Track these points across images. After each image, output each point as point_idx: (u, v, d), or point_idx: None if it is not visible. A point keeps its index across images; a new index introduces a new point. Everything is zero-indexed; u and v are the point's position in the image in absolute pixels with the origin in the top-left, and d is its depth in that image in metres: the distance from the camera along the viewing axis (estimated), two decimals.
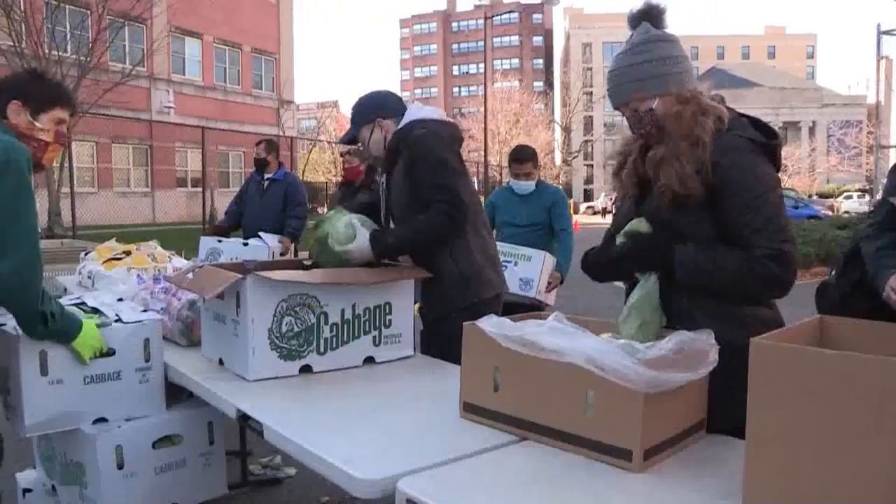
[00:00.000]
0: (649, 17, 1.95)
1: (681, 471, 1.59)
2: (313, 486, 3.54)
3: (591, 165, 78.12)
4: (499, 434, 1.80)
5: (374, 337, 2.56)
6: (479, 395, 1.88)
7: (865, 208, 27.91)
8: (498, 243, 3.64)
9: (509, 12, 73.37)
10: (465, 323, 1.92)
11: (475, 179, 42.83)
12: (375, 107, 2.90)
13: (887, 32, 27.57)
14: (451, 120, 2.97)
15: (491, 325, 1.80)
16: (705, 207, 1.87)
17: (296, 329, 2.37)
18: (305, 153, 32.78)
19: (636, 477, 1.55)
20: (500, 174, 40.93)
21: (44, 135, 2.30)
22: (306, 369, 2.40)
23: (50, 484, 2.70)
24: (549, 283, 4.52)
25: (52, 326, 2.16)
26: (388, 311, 2.59)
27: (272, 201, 5.83)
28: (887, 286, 1.99)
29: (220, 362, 2.47)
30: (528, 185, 4.73)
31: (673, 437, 1.67)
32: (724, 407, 1.74)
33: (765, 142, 1.87)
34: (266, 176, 5.96)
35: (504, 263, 3.56)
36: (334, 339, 2.46)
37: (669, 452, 1.66)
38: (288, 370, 2.36)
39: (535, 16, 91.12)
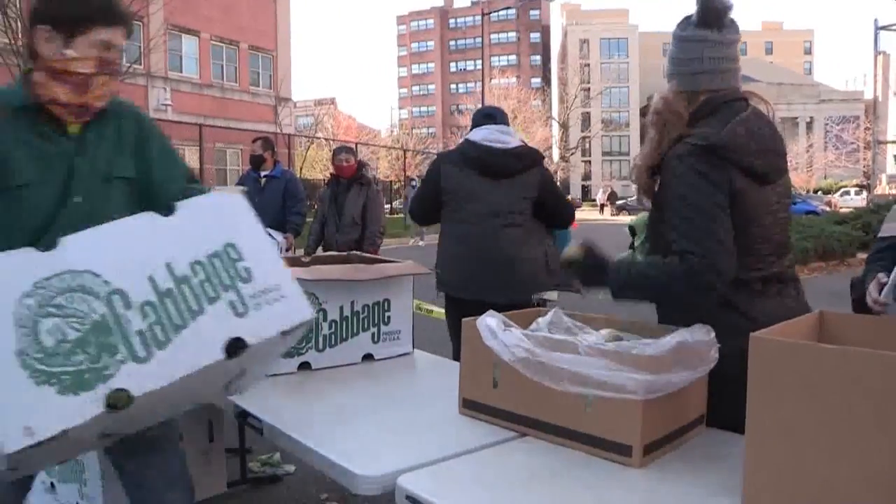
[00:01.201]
0: (701, 12, 1.91)
1: (681, 466, 1.59)
2: (313, 484, 3.53)
3: (589, 162, 78.15)
4: (498, 430, 1.80)
5: (373, 334, 2.56)
6: (479, 391, 1.88)
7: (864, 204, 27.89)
8: None
9: (506, 9, 73.35)
10: (464, 320, 1.92)
11: None
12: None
13: (885, 28, 27.58)
14: (485, 143, 3.24)
15: (488, 333, 1.79)
16: None
17: None
18: (303, 150, 32.75)
19: (636, 472, 1.55)
20: None
21: (81, 65, 1.74)
22: (305, 366, 2.40)
23: (49, 482, 2.70)
24: None
25: None
26: (387, 308, 2.59)
27: (271, 198, 5.82)
28: (867, 293, 2.00)
29: None
30: None
31: (673, 432, 1.68)
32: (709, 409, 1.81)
33: (702, 144, 1.82)
34: (263, 173, 5.96)
35: None
36: (333, 336, 2.46)
37: (669, 448, 1.66)
38: (287, 367, 2.36)
39: (533, 12, 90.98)
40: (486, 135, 3.26)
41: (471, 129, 3.38)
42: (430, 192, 3.36)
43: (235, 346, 1.51)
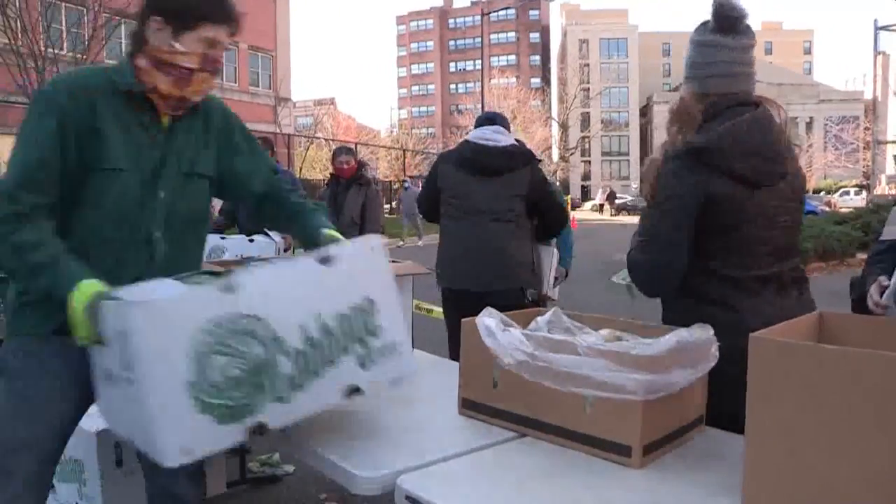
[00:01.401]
0: (715, 18, 1.98)
1: (680, 466, 1.59)
2: (312, 484, 3.53)
3: (589, 162, 78.18)
4: (498, 431, 1.80)
5: None
6: (479, 392, 1.88)
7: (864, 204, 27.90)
8: None
9: (506, 9, 73.23)
10: (464, 320, 1.92)
11: None
12: None
13: (885, 28, 27.60)
14: (479, 142, 3.38)
15: (487, 333, 1.78)
16: None
17: None
18: (302, 150, 32.75)
19: (636, 473, 1.55)
20: None
21: (186, 60, 1.76)
22: None
23: None
24: (556, 279, 4.48)
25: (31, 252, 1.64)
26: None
27: None
28: (868, 295, 2.00)
29: None
30: None
31: (672, 432, 1.68)
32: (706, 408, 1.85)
33: (687, 147, 1.93)
34: None
35: None
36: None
37: (669, 448, 1.66)
38: None
39: (532, 12, 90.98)
40: (480, 134, 3.40)
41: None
42: (430, 192, 3.53)
43: (353, 393, 1.73)
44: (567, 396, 1.65)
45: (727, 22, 1.94)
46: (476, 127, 3.51)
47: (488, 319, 1.80)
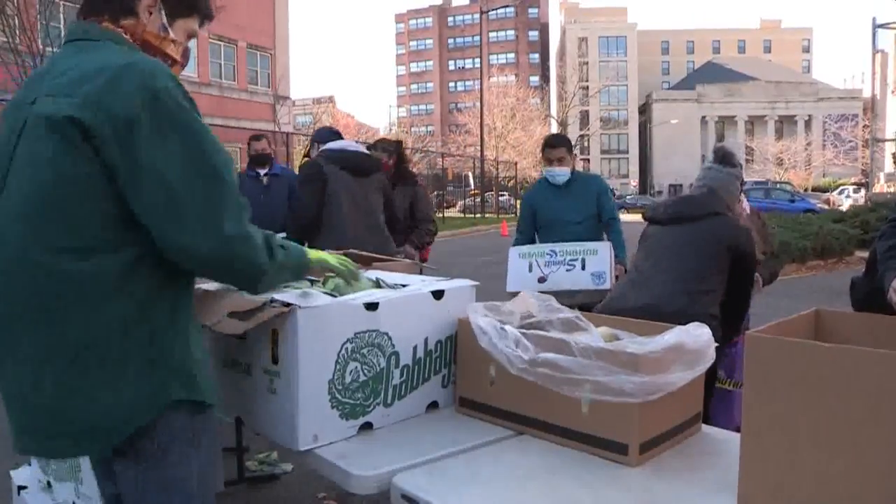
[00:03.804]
0: (714, 154, 3.06)
1: (677, 464, 1.59)
2: (310, 483, 3.53)
3: (588, 160, 78.14)
4: (495, 429, 1.80)
5: None
6: (475, 390, 1.88)
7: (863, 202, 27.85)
8: (559, 244, 3.88)
9: (505, 7, 73.09)
10: (459, 318, 1.92)
11: (471, 174, 42.80)
12: (315, 136, 4.36)
13: (883, 26, 27.57)
14: (351, 149, 4.02)
15: (482, 334, 1.77)
16: None
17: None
18: (301, 149, 32.74)
19: (633, 471, 1.55)
20: (497, 168, 40.85)
21: (173, 50, 1.57)
22: None
23: (45, 480, 2.69)
24: (616, 277, 3.92)
25: (283, 259, 1.51)
26: None
27: (278, 197, 5.74)
28: (890, 288, 1.98)
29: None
30: (562, 173, 4.30)
31: (669, 430, 1.67)
32: None
33: None
34: (263, 171, 5.90)
35: (570, 264, 3.79)
36: None
37: (666, 446, 1.66)
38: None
39: (531, 10, 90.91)
40: (345, 144, 4.05)
41: (321, 144, 4.06)
42: (318, 191, 3.82)
43: (431, 406, 2.00)
44: (564, 395, 1.64)
45: (721, 158, 2.97)
46: (325, 138, 4.08)
47: (482, 320, 1.78)
